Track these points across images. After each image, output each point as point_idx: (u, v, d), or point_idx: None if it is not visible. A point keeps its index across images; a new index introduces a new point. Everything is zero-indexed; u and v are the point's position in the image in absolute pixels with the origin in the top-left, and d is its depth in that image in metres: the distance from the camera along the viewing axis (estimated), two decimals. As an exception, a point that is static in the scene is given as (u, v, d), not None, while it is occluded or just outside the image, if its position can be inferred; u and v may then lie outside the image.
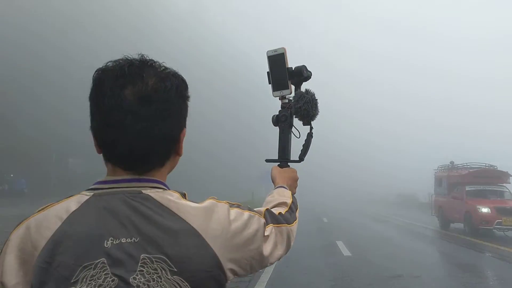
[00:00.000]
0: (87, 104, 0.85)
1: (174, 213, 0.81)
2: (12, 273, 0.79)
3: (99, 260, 0.77)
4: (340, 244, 10.77)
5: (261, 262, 0.91)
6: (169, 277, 0.78)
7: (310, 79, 1.32)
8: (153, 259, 0.77)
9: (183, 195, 0.86)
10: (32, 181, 27.14)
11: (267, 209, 0.99)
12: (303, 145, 1.31)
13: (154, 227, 0.79)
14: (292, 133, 1.30)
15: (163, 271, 0.77)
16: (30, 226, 0.81)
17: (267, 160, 1.35)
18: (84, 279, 0.76)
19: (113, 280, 0.76)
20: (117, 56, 0.87)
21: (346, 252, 9.59)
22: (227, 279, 0.84)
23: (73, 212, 0.81)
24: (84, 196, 0.83)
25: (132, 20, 43.80)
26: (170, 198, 0.83)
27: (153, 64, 0.87)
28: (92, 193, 0.83)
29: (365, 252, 9.76)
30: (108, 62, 0.85)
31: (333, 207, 30.68)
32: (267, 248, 0.91)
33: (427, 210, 19.53)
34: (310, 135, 1.30)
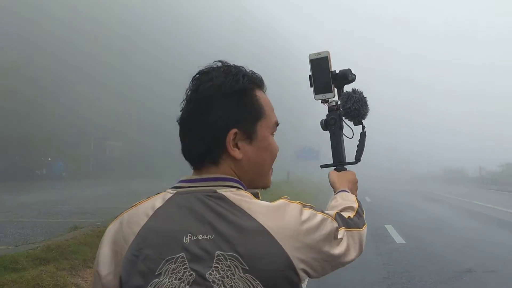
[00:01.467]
0: (120, 92, 0.59)
1: (246, 212, 0.84)
2: (106, 264, 0.88)
3: (179, 255, 0.82)
4: (390, 228, 9.55)
5: (333, 264, 0.91)
6: (241, 275, 0.80)
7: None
8: (227, 256, 0.81)
9: (256, 195, 0.89)
10: (70, 165, 27.35)
11: (337, 213, 0.98)
12: (357, 146, 1.31)
13: (227, 225, 0.83)
14: (343, 135, 1.30)
15: (236, 269, 0.80)
16: (123, 221, 0.90)
17: (322, 166, 1.38)
18: (167, 272, 0.82)
19: (191, 275, 0.81)
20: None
21: (399, 239, 8.36)
22: (300, 280, 0.85)
23: (158, 208, 0.88)
24: (168, 194, 0.90)
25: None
26: (242, 198, 0.87)
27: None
28: (175, 191, 0.90)
29: (421, 239, 8.47)
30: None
31: (375, 187, 29.10)
32: (340, 251, 0.91)
33: (479, 185, 17.79)
34: (363, 134, 1.31)
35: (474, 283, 5.33)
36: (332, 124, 1.28)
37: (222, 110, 0.89)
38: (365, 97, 1.25)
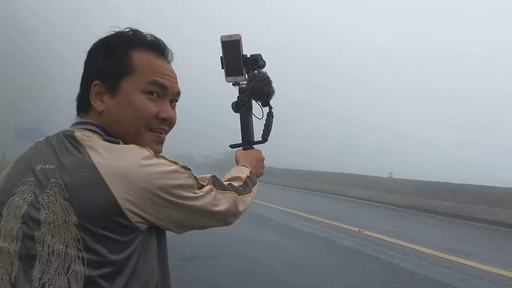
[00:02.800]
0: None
1: (85, 149, 0.90)
2: None
3: (30, 179, 0.93)
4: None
5: (183, 211, 0.94)
6: (62, 202, 0.86)
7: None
8: (56, 183, 0.88)
9: (113, 141, 0.93)
10: None
11: (213, 175, 1.05)
12: (264, 125, 1.38)
13: (66, 158, 0.90)
14: (253, 116, 1.37)
15: (59, 196, 0.87)
16: None
17: (231, 145, 1.41)
18: (19, 192, 0.93)
19: (31, 196, 0.90)
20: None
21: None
22: (130, 220, 0.86)
23: (36, 143, 1.01)
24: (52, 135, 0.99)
25: None
26: (88, 138, 0.93)
27: None
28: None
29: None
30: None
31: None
32: (200, 204, 0.96)
33: (207, 170, 19.45)
34: (270, 114, 1.38)
35: (199, 268, 5.39)
36: (241, 106, 1.36)
37: (93, 63, 1.00)
38: (269, 78, 1.32)
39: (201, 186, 0.98)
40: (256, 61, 1.34)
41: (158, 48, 1.01)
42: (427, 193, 11.94)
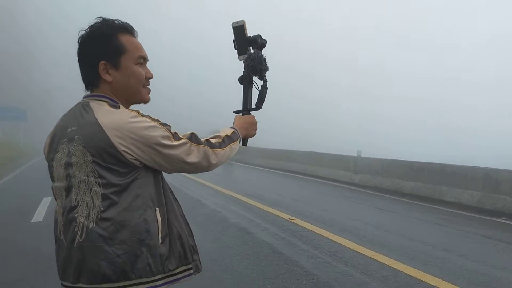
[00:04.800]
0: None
1: (93, 113, 1.34)
2: (45, 150, 1.49)
3: (65, 139, 1.38)
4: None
5: (162, 156, 1.35)
6: (81, 149, 1.32)
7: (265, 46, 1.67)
8: (76, 138, 1.34)
9: (115, 106, 1.37)
10: None
11: (192, 132, 1.43)
12: (258, 95, 1.68)
13: (83, 121, 1.35)
14: (254, 87, 1.68)
15: (80, 145, 1.33)
16: None
17: (234, 111, 1.71)
18: (60, 149, 1.39)
19: (66, 150, 1.36)
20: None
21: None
22: (126, 158, 1.30)
23: (65, 113, 1.46)
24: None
25: None
26: (98, 105, 1.37)
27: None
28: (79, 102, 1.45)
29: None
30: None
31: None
32: (174, 152, 1.36)
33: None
34: (263, 87, 1.67)
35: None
36: (244, 79, 1.67)
37: (92, 49, 1.40)
38: (261, 57, 1.63)
39: (178, 138, 1.37)
40: (255, 42, 1.65)
41: (131, 30, 1.45)
42: (393, 173, 10.92)
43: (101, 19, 1.41)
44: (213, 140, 1.45)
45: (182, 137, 1.38)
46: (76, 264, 1.32)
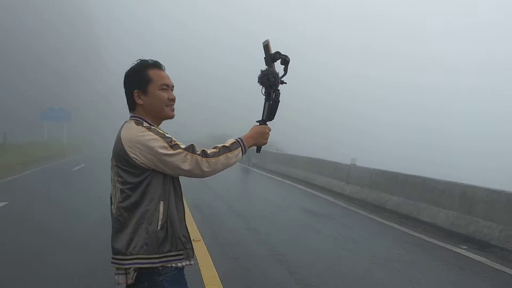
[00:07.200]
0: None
1: (121, 130, 1.78)
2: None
3: (112, 156, 1.80)
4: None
5: (162, 162, 1.70)
6: (112, 157, 1.80)
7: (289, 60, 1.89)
8: (113, 148, 1.80)
9: (140, 123, 1.76)
10: None
11: (191, 144, 1.73)
12: (269, 108, 1.90)
13: (117, 135, 1.79)
14: (273, 101, 1.88)
15: (112, 153, 1.80)
16: None
17: (257, 121, 1.92)
18: (112, 166, 1.80)
19: (113, 164, 1.79)
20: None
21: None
22: (134, 162, 1.70)
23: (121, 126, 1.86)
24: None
25: None
26: (129, 124, 1.78)
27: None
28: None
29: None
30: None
31: None
32: (171, 160, 1.69)
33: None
34: (274, 101, 1.88)
35: None
36: (264, 93, 1.89)
37: (132, 81, 1.82)
38: (272, 73, 1.85)
39: (176, 148, 1.69)
40: (274, 58, 1.87)
41: (159, 66, 1.85)
42: (380, 185, 9.75)
43: (139, 60, 1.86)
44: (209, 150, 1.75)
45: (181, 147, 1.71)
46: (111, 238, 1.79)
